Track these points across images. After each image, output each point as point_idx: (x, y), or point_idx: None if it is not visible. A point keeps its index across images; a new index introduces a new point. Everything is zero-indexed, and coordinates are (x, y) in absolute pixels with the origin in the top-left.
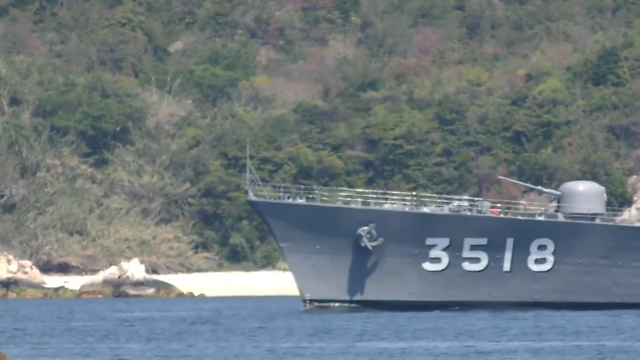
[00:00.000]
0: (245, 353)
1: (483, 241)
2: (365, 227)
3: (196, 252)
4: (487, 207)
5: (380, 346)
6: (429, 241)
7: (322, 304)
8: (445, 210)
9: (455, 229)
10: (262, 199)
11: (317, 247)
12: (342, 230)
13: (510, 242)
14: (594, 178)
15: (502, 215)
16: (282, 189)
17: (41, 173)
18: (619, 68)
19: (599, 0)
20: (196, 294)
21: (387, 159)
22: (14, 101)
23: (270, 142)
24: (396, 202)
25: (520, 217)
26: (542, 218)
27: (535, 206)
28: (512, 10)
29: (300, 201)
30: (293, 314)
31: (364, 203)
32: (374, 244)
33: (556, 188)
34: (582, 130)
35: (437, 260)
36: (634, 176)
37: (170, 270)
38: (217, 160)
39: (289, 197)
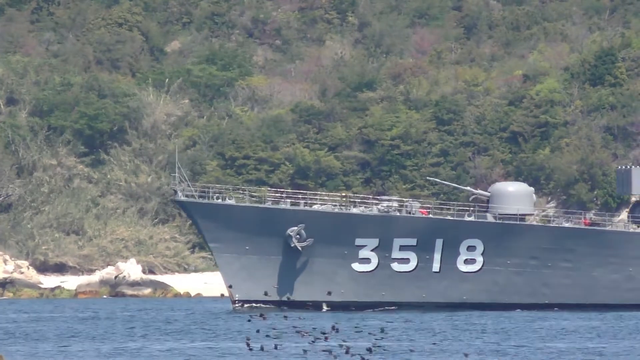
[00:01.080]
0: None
1: (412, 242)
2: (295, 228)
3: (193, 252)
4: (417, 208)
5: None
6: (359, 242)
7: (251, 305)
8: (375, 210)
9: (384, 229)
10: (191, 200)
11: (247, 247)
12: (272, 230)
13: (439, 242)
14: (591, 179)
15: (431, 216)
16: (211, 189)
17: (38, 173)
18: (616, 69)
19: (597, 0)
20: (193, 294)
21: (384, 160)
22: (11, 101)
23: (267, 143)
24: (325, 202)
25: (449, 218)
26: (471, 219)
27: (464, 207)
28: (509, 10)
29: (230, 201)
30: (208, 315)
31: (294, 204)
32: (304, 244)
33: (554, 189)
34: (579, 130)
35: (366, 260)
36: None
37: (167, 270)
38: (214, 160)
39: (218, 198)
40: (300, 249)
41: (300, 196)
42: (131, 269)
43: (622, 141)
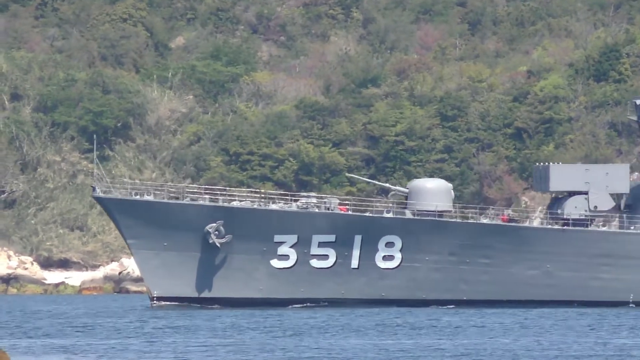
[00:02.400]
0: None
1: (331, 238)
2: (214, 224)
3: None
4: (336, 204)
5: None
6: (277, 238)
7: (169, 301)
8: (294, 207)
9: (303, 226)
10: (109, 196)
11: (165, 244)
12: (190, 227)
13: (358, 239)
14: None
15: (350, 212)
16: (130, 185)
17: (42, 169)
18: (620, 64)
19: None
20: None
21: (389, 155)
22: (15, 97)
23: (272, 139)
24: (244, 199)
25: (368, 214)
26: (390, 215)
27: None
28: (513, 6)
29: (148, 198)
30: (121, 311)
31: (212, 200)
32: (222, 241)
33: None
34: (583, 126)
35: (285, 257)
36: (636, 173)
37: None
38: (218, 156)
39: (137, 194)
40: (218, 245)
41: (219, 192)
42: (135, 265)
43: (626, 137)
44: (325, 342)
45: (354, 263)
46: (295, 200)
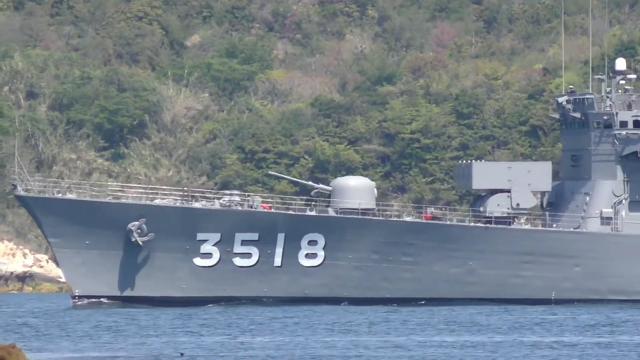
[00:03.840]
0: None
1: (254, 236)
2: (136, 222)
3: None
4: (258, 202)
5: None
6: (200, 236)
7: (92, 300)
8: (217, 205)
9: (226, 224)
10: (31, 194)
11: (87, 242)
12: (113, 225)
13: (281, 237)
14: None
15: (273, 210)
16: (51, 183)
17: (57, 167)
18: (636, 62)
19: None
20: None
21: (404, 153)
22: (31, 95)
23: (287, 136)
24: (167, 197)
25: (291, 212)
26: (312, 213)
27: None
28: (529, 4)
29: (70, 196)
30: (43, 311)
31: (135, 198)
32: (145, 239)
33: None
34: None
35: (208, 255)
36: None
37: None
38: (234, 154)
39: (58, 192)
40: (141, 243)
41: (141, 190)
42: None
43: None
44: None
45: (277, 261)
46: (219, 198)
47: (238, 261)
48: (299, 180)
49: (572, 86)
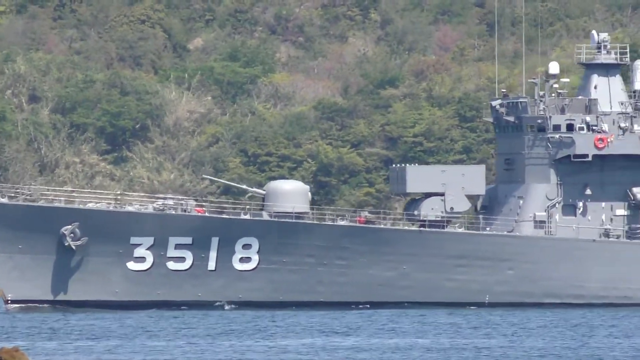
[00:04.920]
0: None
1: (188, 240)
2: (69, 227)
3: None
4: (192, 206)
5: None
6: (134, 240)
7: (25, 305)
8: (150, 209)
9: (159, 227)
10: None
11: (20, 246)
12: (45, 229)
13: (215, 241)
14: None
15: (207, 214)
16: None
17: (60, 170)
18: None
19: None
20: None
21: (407, 156)
22: (33, 98)
23: (290, 140)
24: (100, 200)
25: (225, 216)
26: (247, 217)
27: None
28: (531, 7)
29: (2, 200)
30: None
31: (68, 202)
32: (78, 243)
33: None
34: None
35: (141, 259)
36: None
37: None
38: (237, 157)
39: None
40: (74, 247)
41: (75, 194)
42: None
43: None
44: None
45: (211, 265)
46: (152, 202)
47: (172, 265)
48: (233, 183)
49: (504, 90)
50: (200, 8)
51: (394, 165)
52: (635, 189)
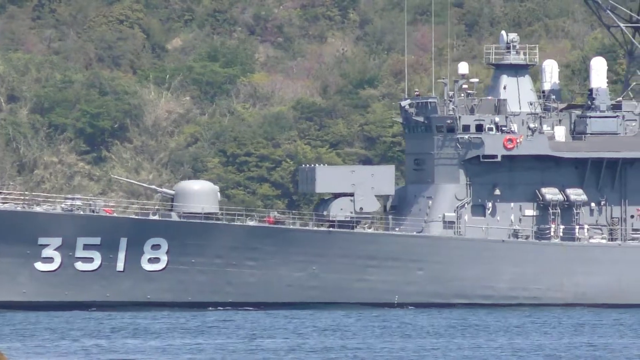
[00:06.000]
0: None
1: (96, 240)
2: None
3: None
4: (101, 207)
5: None
6: (42, 241)
7: None
8: (58, 209)
9: (68, 228)
10: None
11: None
12: None
13: (124, 241)
14: None
15: (115, 215)
16: None
17: (39, 170)
18: (618, 65)
19: None
20: None
21: (386, 156)
22: (12, 98)
23: (269, 140)
24: (8, 200)
25: (134, 217)
26: (155, 217)
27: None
28: (510, 7)
29: None
30: None
31: None
32: None
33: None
34: None
35: (49, 260)
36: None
37: None
38: (216, 157)
39: None
40: None
41: None
42: None
43: None
44: None
45: (120, 266)
46: (60, 203)
47: (80, 266)
48: (141, 183)
49: (417, 90)
50: (179, 8)
51: (303, 166)
52: (544, 190)
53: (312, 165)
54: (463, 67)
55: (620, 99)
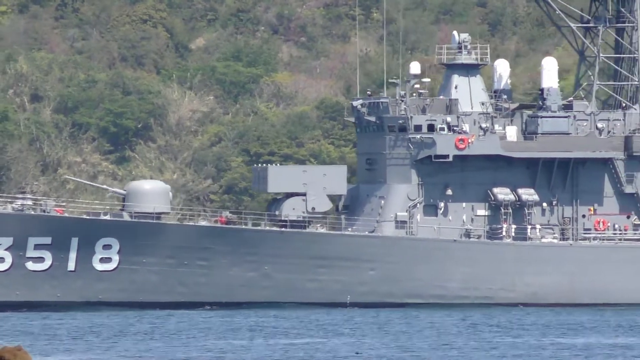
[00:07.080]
0: None
1: (47, 240)
2: None
3: None
4: (52, 206)
5: None
6: None
7: None
8: (9, 209)
9: (18, 228)
10: None
11: None
12: None
13: (75, 241)
14: None
15: (66, 215)
16: None
17: (62, 170)
18: None
19: None
20: None
21: None
22: (35, 98)
23: (292, 139)
24: None
25: (85, 217)
26: (107, 217)
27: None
28: (533, 6)
29: None
30: None
31: None
32: None
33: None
34: None
35: (0, 260)
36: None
37: None
38: (239, 157)
39: None
40: None
41: None
42: None
43: None
44: None
45: (71, 266)
46: (11, 202)
47: (31, 265)
48: (93, 184)
49: (369, 90)
50: (202, 7)
51: (256, 165)
52: (495, 189)
53: (264, 164)
54: (415, 67)
55: (572, 98)
